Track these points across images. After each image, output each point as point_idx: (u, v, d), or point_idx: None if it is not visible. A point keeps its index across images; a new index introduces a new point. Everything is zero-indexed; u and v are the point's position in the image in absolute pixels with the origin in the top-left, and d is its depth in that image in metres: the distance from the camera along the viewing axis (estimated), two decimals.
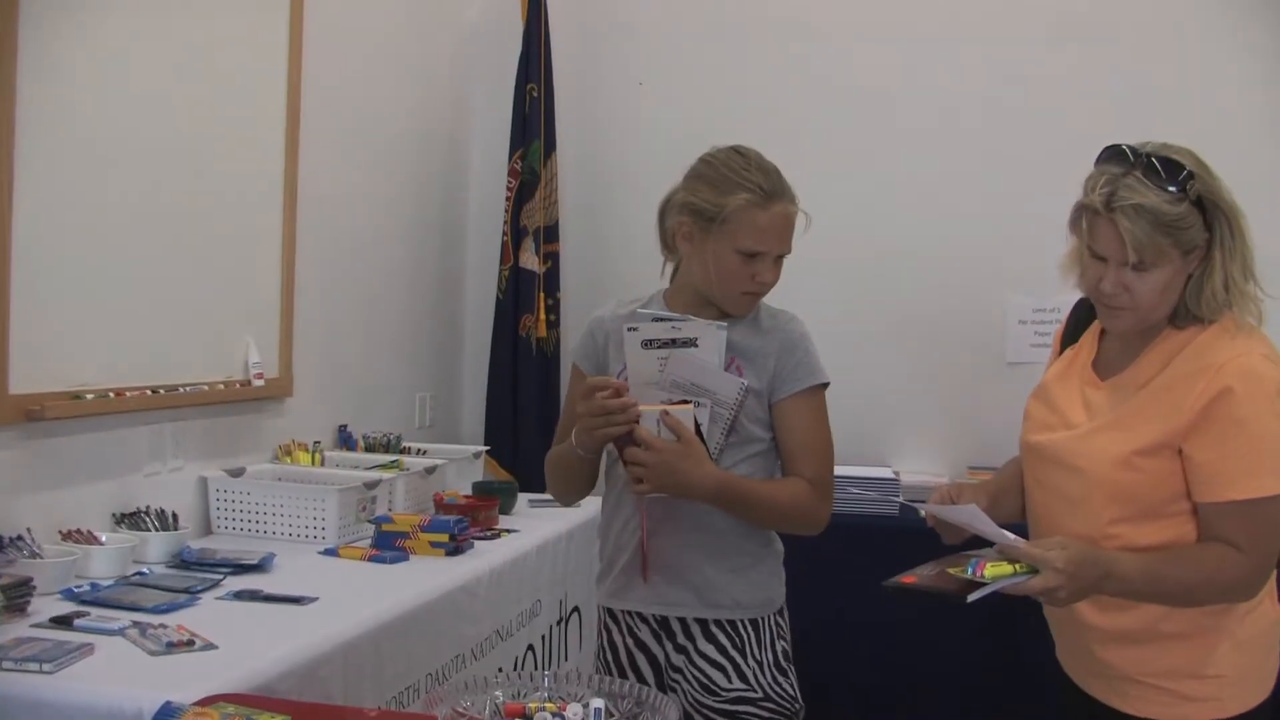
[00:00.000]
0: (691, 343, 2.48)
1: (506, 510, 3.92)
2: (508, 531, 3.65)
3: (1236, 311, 2.20)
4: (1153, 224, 2.11)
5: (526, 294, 4.80)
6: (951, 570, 2.10)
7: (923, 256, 4.82)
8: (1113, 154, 2.21)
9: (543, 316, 4.81)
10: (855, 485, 4.37)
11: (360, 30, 4.29)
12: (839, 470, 4.50)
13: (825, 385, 2.58)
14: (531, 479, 4.59)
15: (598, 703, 1.63)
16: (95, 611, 2.52)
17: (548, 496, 4.25)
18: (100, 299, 3.06)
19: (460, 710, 1.61)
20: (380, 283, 4.53)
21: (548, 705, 1.62)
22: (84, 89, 2.98)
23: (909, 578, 2.13)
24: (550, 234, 4.86)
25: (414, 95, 4.77)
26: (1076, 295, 2.43)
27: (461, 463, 4.25)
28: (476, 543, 3.42)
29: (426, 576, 3.03)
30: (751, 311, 2.60)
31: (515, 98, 4.86)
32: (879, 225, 4.85)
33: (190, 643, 2.33)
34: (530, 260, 4.80)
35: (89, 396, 2.99)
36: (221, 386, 3.51)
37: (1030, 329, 4.75)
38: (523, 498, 4.11)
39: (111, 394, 3.07)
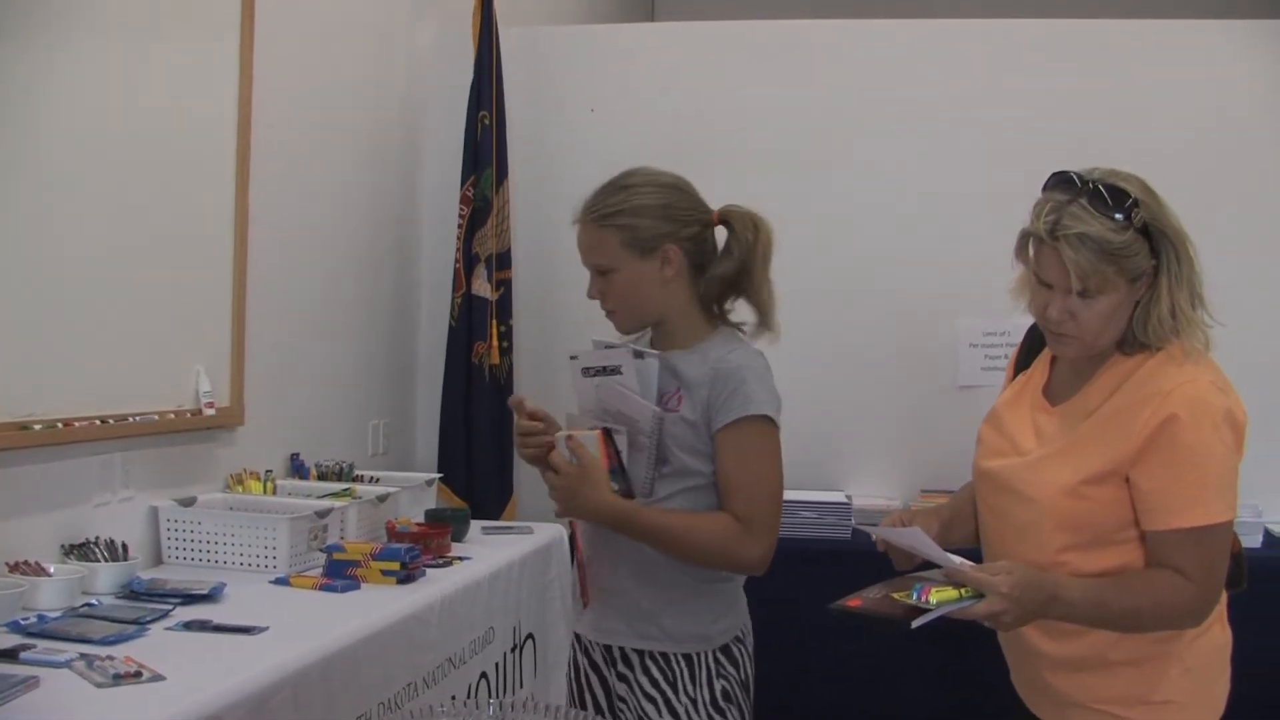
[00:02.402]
0: (615, 370, 2.53)
1: (459, 538, 3.91)
2: (460, 559, 3.64)
3: (1184, 338, 2.20)
4: (1097, 253, 2.12)
5: (479, 321, 4.80)
6: (896, 595, 2.10)
7: (874, 281, 4.86)
8: (1059, 180, 2.21)
9: (495, 343, 4.81)
10: (808, 509, 4.39)
11: (311, 59, 4.29)
12: (792, 495, 4.53)
13: (765, 418, 2.51)
14: (485, 506, 4.60)
15: None
16: (42, 644, 2.49)
17: (501, 523, 4.27)
18: (48, 328, 3.04)
19: None
20: (332, 311, 4.52)
21: None
22: (30, 116, 2.97)
23: (854, 601, 2.12)
24: (503, 261, 4.87)
25: (366, 123, 4.78)
26: (1027, 319, 2.44)
27: (414, 490, 4.24)
28: (429, 570, 3.41)
29: (378, 605, 3.02)
30: (625, 332, 2.67)
31: (467, 125, 4.87)
32: (830, 250, 4.88)
33: (138, 674, 2.31)
34: (482, 287, 4.80)
35: (37, 427, 2.97)
36: (172, 416, 3.49)
37: (981, 352, 4.79)
38: (476, 525, 4.10)
39: (60, 424, 3.04)
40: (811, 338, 4.85)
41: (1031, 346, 2.53)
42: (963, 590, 2.08)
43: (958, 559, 2.14)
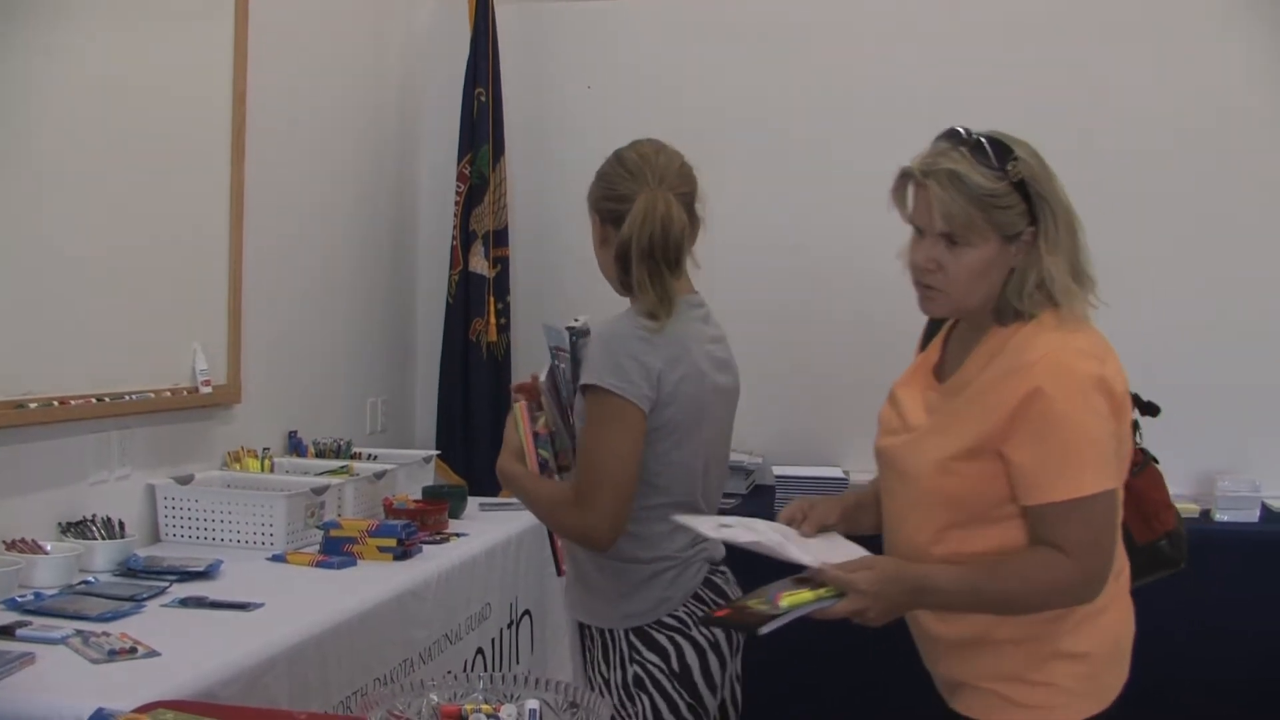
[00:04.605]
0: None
1: (456, 514, 3.92)
2: (457, 535, 3.65)
3: (1062, 308, 2.12)
4: (966, 196, 2.09)
5: (476, 298, 4.80)
6: (751, 603, 2.06)
7: (869, 254, 4.80)
8: (948, 133, 2.20)
9: (493, 320, 4.81)
10: (805, 486, 4.39)
11: (306, 36, 4.29)
12: (789, 470, 4.54)
13: (596, 388, 2.41)
14: (482, 483, 4.59)
15: (532, 703, 1.64)
16: (38, 621, 2.51)
17: (498, 500, 4.26)
18: (44, 306, 3.05)
19: (395, 713, 1.61)
20: (330, 288, 4.52)
21: (483, 707, 1.63)
22: (28, 97, 2.97)
23: (724, 611, 2.09)
24: (500, 238, 4.87)
25: (362, 100, 4.77)
26: None
27: (412, 467, 4.24)
28: (425, 547, 3.42)
29: (374, 581, 3.04)
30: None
31: (464, 102, 4.86)
32: (828, 225, 4.87)
33: (133, 650, 2.33)
34: (480, 264, 4.80)
35: (33, 405, 2.98)
36: (169, 394, 3.50)
37: None
38: (473, 501, 4.11)
39: (56, 402, 3.05)
40: (809, 313, 4.86)
41: (932, 328, 2.48)
42: (823, 590, 2.04)
43: (813, 559, 2.08)
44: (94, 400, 3.19)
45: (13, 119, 2.94)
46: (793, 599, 2.01)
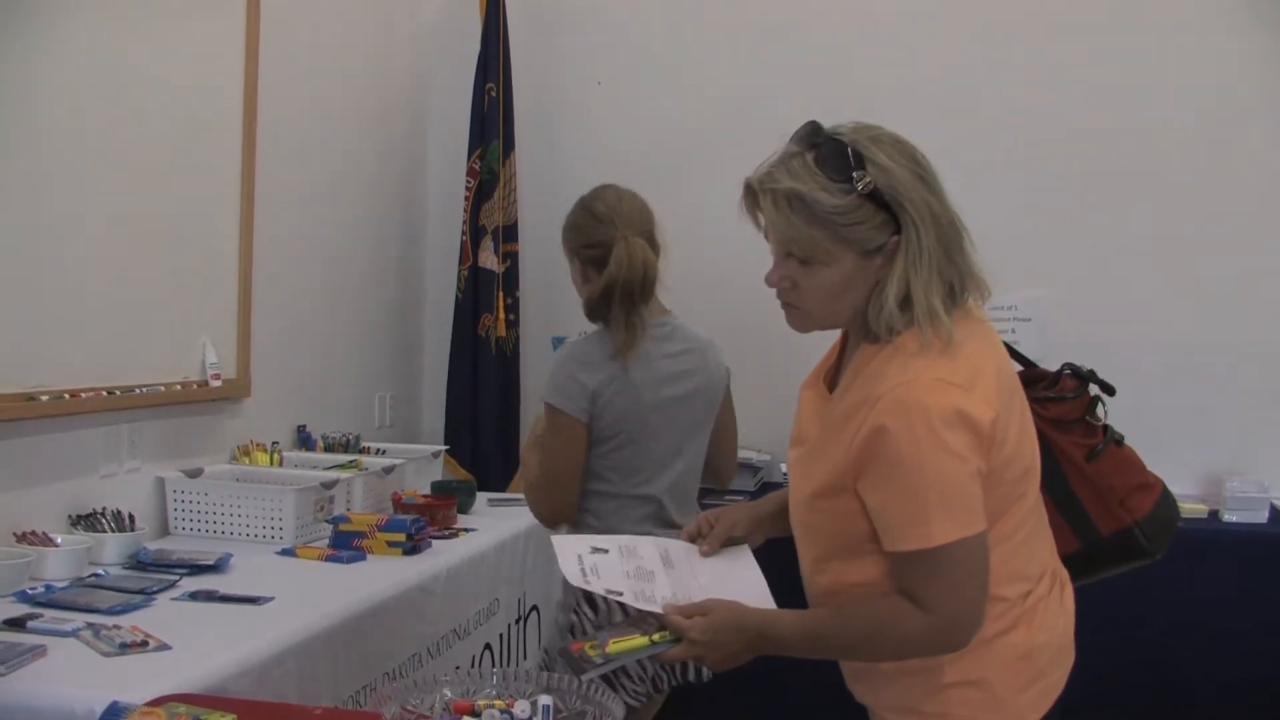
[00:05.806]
0: None
1: (465, 509, 3.93)
2: (466, 530, 3.66)
3: (926, 330, 1.89)
4: (805, 216, 1.89)
5: (486, 293, 4.80)
6: (588, 644, 2.02)
7: None
8: (804, 132, 1.99)
9: (502, 316, 4.81)
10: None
11: (317, 31, 4.29)
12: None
13: (548, 405, 2.88)
14: (491, 478, 4.60)
15: (545, 700, 1.64)
16: (49, 613, 2.51)
17: (507, 495, 4.27)
18: (55, 300, 3.05)
19: (409, 708, 1.62)
20: (339, 283, 4.52)
21: (496, 702, 1.64)
22: (39, 90, 2.97)
23: (576, 644, 2.03)
24: (509, 233, 4.87)
25: (372, 95, 4.77)
26: (1033, 292, 2.32)
27: (420, 462, 4.25)
28: (434, 542, 3.43)
29: (383, 576, 3.04)
30: None
31: (474, 97, 4.86)
32: None
33: (144, 644, 2.33)
34: (489, 260, 4.80)
35: (44, 398, 2.98)
36: (178, 387, 3.51)
37: None
38: (481, 497, 4.12)
39: (67, 395, 3.06)
40: None
41: None
42: (657, 635, 1.99)
43: (660, 605, 2.04)
44: (104, 393, 3.19)
45: (22, 111, 2.94)
46: (620, 645, 1.99)
